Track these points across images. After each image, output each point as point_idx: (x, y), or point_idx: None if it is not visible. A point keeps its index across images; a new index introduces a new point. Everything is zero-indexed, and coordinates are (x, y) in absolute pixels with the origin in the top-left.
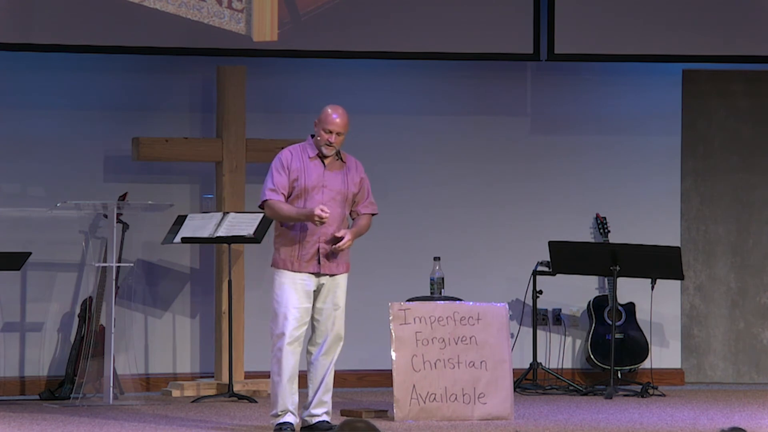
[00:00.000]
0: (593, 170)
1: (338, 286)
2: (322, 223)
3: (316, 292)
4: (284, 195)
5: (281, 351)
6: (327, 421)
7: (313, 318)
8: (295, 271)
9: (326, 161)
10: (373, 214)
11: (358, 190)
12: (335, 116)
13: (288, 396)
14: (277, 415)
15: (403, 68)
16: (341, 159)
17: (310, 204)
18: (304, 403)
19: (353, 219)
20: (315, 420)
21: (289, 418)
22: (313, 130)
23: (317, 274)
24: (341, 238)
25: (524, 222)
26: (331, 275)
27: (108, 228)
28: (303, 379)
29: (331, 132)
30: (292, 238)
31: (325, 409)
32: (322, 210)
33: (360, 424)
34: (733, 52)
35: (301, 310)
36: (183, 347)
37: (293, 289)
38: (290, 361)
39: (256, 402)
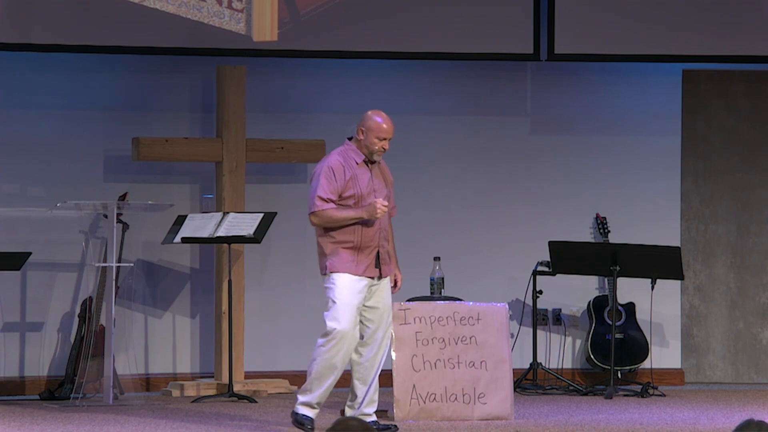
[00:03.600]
0: (593, 170)
1: (386, 287)
2: (382, 214)
3: (367, 294)
4: (333, 202)
5: (340, 352)
6: (377, 422)
7: (363, 318)
8: (354, 275)
9: (371, 166)
10: None
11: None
12: (386, 123)
13: (327, 393)
14: (308, 404)
15: (403, 68)
16: (377, 162)
17: None
18: (353, 403)
19: None
20: (369, 419)
21: (313, 413)
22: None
23: (370, 277)
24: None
25: (524, 222)
26: (382, 277)
27: (108, 228)
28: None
29: (385, 139)
30: (352, 244)
31: (374, 408)
32: (379, 201)
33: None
34: (733, 52)
35: (359, 310)
36: (183, 347)
37: (352, 291)
38: (346, 359)
39: (256, 402)
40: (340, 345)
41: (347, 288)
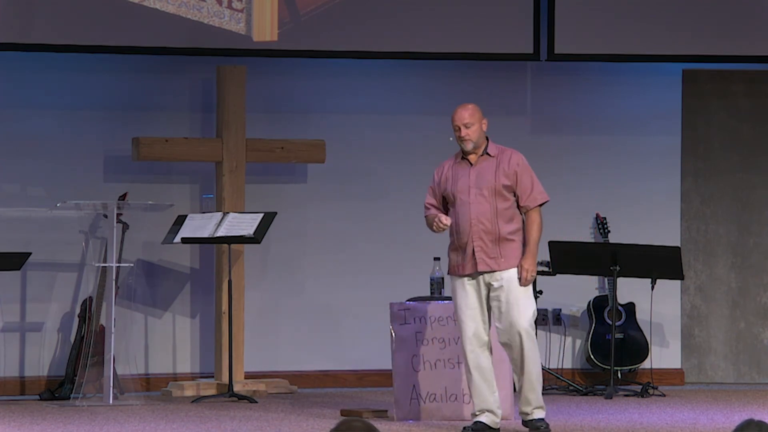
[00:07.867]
0: (593, 170)
1: (510, 281)
2: (441, 229)
3: (489, 291)
4: (436, 207)
5: (465, 355)
6: (538, 419)
7: (493, 316)
8: (461, 276)
9: (472, 159)
10: (542, 203)
11: (513, 182)
12: (458, 110)
13: (479, 396)
14: (473, 414)
15: (403, 68)
16: (488, 154)
17: (459, 207)
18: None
19: (525, 215)
20: (527, 418)
21: (484, 417)
22: None
23: (480, 273)
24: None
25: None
26: (491, 272)
27: (108, 228)
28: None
29: (459, 128)
30: (455, 244)
31: (536, 410)
32: (439, 220)
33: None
34: (733, 52)
35: (474, 311)
36: (183, 347)
37: (464, 292)
38: (474, 362)
39: (256, 402)
40: (465, 349)
41: (457, 291)
